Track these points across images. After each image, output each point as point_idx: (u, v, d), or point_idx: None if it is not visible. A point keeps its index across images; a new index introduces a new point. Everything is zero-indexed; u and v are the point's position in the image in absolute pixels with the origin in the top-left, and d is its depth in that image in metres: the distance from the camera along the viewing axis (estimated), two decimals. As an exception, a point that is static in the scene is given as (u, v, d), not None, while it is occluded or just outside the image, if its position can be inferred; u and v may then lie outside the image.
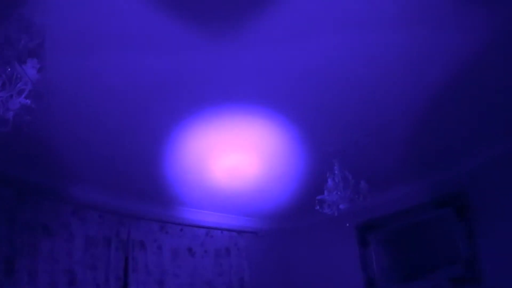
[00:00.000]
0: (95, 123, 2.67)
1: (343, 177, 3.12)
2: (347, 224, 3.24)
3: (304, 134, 3.17)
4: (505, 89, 2.92)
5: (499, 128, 3.60)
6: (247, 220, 5.30)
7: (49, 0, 1.72)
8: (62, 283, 3.47)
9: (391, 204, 4.76)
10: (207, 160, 3.31)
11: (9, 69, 1.43)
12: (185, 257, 4.47)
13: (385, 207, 4.80)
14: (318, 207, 3.09)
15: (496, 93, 2.96)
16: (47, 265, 3.40)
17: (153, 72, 2.26)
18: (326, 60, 2.28)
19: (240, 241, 5.03)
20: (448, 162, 4.20)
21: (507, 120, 3.47)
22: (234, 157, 3.35)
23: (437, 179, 4.44)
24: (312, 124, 3.06)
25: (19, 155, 2.99)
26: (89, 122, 2.64)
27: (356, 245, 5.03)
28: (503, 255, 3.93)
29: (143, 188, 3.86)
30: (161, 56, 2.14)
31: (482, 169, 4.16)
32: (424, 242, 4.60)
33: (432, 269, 4.45)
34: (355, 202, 3.12)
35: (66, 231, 3.61)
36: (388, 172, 4.21)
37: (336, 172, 3.11)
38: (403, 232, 4.76)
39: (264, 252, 5.53)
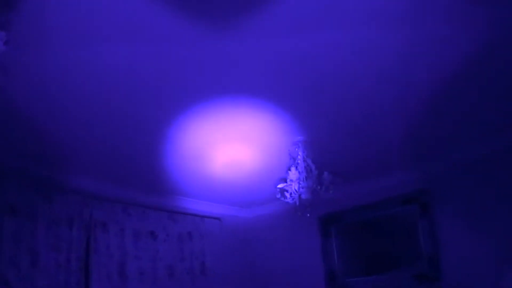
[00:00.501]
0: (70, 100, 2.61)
1: (306, 167, 3.16)
2: (308, 215, 3.28)
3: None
4: (476, 100, 3.04)
5: (465, 135, 3.76)
6: (211, 206, 5.30)
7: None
8: (24, 263, 3.41)
9: (356, 198, 4.83)
10: (174, 145, 3.29)
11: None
12: (147, 240, 4.43)
13: (350, 200, 4.87)
14: (279, 196, 3.13)
15: (467, 104, 3.09)
16: (11, 245, 3.34)
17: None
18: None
19: (203, 226, 5.02)
20: (415, 161, 4.30)
21: (471, 129, 3.64)
22: (202, 141, 3.32)
23: (403, 176, 4.53)
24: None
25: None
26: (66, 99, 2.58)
27: (319, 236, 5.08)
28: (463, 254, 4.07)
29: (107, 169, 3.81)
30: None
31: (446, 170, 4.28)
32: (388, 237, 4.66)
33: (395, 265, 4.53)
34: (317, 193, 3.18)
35: (30, 210, 3.53)
36: (355, 166, 4.26)
37: (299, 161, 3.15)
38: (367, 226, 4.81)
39: (227, 238, 5.53)
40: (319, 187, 3.17)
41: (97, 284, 3.94)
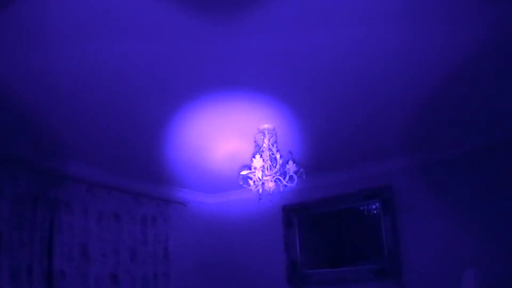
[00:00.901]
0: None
1: (271, 155, 3.12)
2: (270, 203, 3.24)
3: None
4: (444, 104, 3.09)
5: (429, 137, 3.88)
6: (176, 190, 5.26)
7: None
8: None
9: (320, 190, 4.86)
10: (142, 127, 3.19)
11: None
12: (110, 222, 4.37)
13: (314, 192, 4.89)
14: (241, 183, 3.08)
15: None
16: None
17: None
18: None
19: (167, 211, 4.98)
20: (379, 157, 4.34)
21: (433, 132, 3.75)
22: (171, 126, 3.24)
23: (367, 172, 4.58)
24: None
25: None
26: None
27: (281, 226, 5.10)
28: (423, 250, 4.16)
29: (73, 149, 3.70)
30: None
31: (409, 168, 4.37)
32: (351, 231, 4.73)
33: (357, 258, 4.60)
34: (281, 182, 3.14)
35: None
36: (321, 159, 4.27)
37: (264, 149, 3.10)
38: (330, 218, 4.84)
39: (191, 224, 5.53)
40: (283, 177, 3.11)
41: (59, 264, 3.87)
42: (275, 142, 3.20)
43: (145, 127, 3.12)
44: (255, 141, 3.19)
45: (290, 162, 3.19)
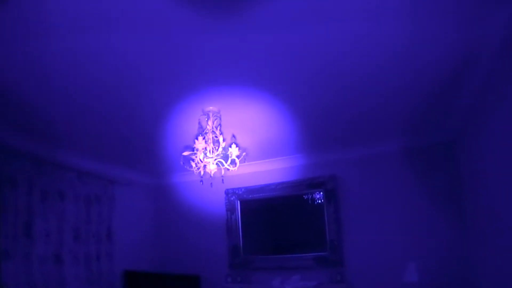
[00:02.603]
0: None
1: (214, 138, 3.12)
2: (211, 186, 3.26)
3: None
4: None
5: (372, 132, 3.99)
6: (122, 170, 5.21)
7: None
8: None
9: (265, 176, 4.94)
10: (91, 101, 3.09)
11: None
12: (55, 200, 4.29)
13: (259, 178, 4.97)
14: (183, 163, 3.07)
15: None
16: None
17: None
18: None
19: (111, 190, 4.93)
20: (326, 147, 4.45)
21: (377, 128, 3.86)
22: (122, 102, 3.16)
23: (313, 161, 4.69)
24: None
25: None
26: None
27: (225, 211, 5.16)
28: (365, 241, 4.33)
29: (19, 122, 3.56)
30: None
31: (353, 160, 4.51)
32: (295, 219, 4.79)
33: (300, 246, 4.69)
34: (222, 165, 3.16)
35: None
36: (266, 144, 4.29)
37: (207, 131, 3.11)
38: (274, 205, 4.91)
39: (135, 205, 5.52)
40: (225, 160, 3.14)
41: (3, 244, 3.78)
42: (219, 125, 3.20)
43: (91, 105, 3.05)
44: (199, 123, 3.19)
45: (233, 146, 3.22)
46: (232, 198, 5.09)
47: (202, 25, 2.05)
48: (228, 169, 3.19)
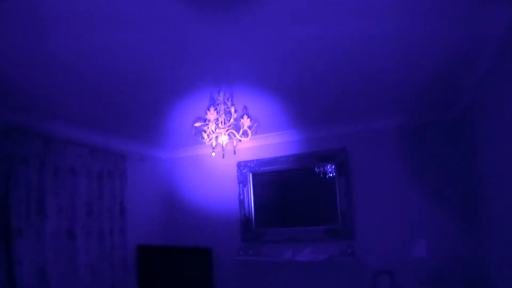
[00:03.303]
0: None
1: (226, 109, 3.12)
2: (223, 157, 3.25)
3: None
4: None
5: (382, 105, 3.94)
6: (134, 145, 5.23)
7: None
8: None
9: (276, 148, 4.93)
10: (98, 79, 3.09)
11: None
12: (67, 177, 4.32)
13: (270, 150, 4.97)
14: (194, 134, 3.08)
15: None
16: None
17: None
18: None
19: (124, 165, 4.94)
20: (336, 120, 4.42)
21: (387, 102, 3.84)
22: (129, 76, 3.16)
23: (323, 134, 4.67)
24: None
25: None
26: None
27: (237, 183, 5.18)
28: (376, 215, 4.34)
29: (29, 101, 3.56)
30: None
31: (364, 133, 4.48)
32: (306, 192, 4.79)
33: (311, 218, 4.70)
34: (234, 136, 3.16)
35: None
36: (278, 117, 4.28)
37: (219, 102, 3.10)
38: (285, 178, 4.91)
39: (148, 179, 5.55)
40: (236, 131, 3.14)
41: (16, 220, 3.82)
42: (231, 96, 3.20)
43: (103, 80, 3.04)
44: (210, 95, 3.18)
45: (245, 117, 3.21)
46: (244, 171, 5.10)
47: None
48: (240, 140, 3.19)
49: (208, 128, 3.05)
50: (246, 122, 3.19)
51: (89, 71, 2.82)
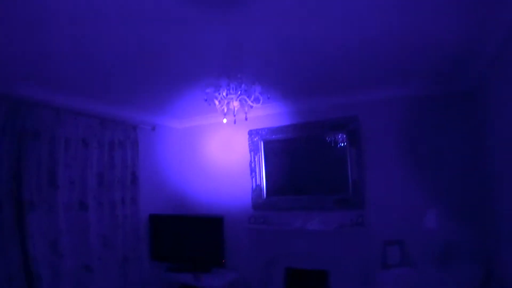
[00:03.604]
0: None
1: (237, 75, 3.09)
2: (234, 123, 3.24)
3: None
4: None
5: (396, 73, 3.89)
6: (144, 115, 5.23)
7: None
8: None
9: (288, 116, 4.91)
10: (108, 47, 3.07)
11: None
12: (78, 148, 4.34)
13: (282, 118, 4.95)
14: (206, 99, 3.06)
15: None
16: None
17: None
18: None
19: (134, 135, 4.95)
20: (348, 88, 4.35)
21: (400, 70, 3.77)
22: (139, 47, 3.12)
23: (334, 102, 4.61)
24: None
25: None
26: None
27: (248, 152, 5.19)
28: (387, 184, 4.34)
29: (39, 74, 3.55)
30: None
31: (376, 101, 4.42)
32: (317, 161, 4.77)
33: (322, 187, 4.70)
34: (246, 102, 3.14)
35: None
36: (290, 85, 4.23)
37: (230, 70, 3.07)
38: (297, 147, 4.90)
39: (158, 148, 5.57)
40: (248, 96, 3.11)
41: (28, 194, 3.87)
42: (242, 62, 3.17)
43: (112, 49, 3.02)
44: (222, 62, 3.16)
45: (257, 83, 3.18)
46: (255, 139, 5.10)
47: None
48: (251, 106, 3.16)
49: (219, 94, 3.03)
50: (257, 88, 3.16)
51: (99, 43, 2.82)
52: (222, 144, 5.50)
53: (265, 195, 5.06)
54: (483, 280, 3.54)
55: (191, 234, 5.06)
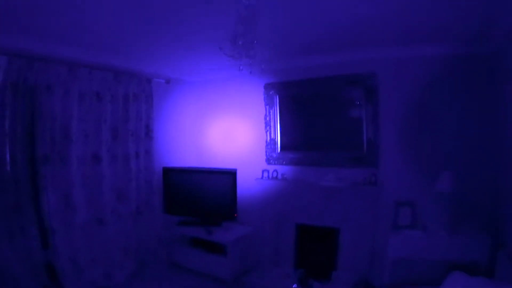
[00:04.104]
0: None
1: (253, 27, 3.02)
2: (250, 73, 3.19)
3: None
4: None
5: (418, 31, 3.73)
6: (159, 68, 5.16)
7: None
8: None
9: (304, 71, 4.79)
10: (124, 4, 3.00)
11: None
12: (92, 102, 4.36)
13: (297, 72, 4.83)
14: (220, 48, 3.01)
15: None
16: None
17: None
18: None
19: (149, 88, 4.95)
20: (366, 44, 4.21)
21: (423, 28, 3.62)
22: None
23: (353, 57, 4.47)
24: None
25: None
26: None
27: (263, 105, 5.13)
28: (398, 144, 4.29)
29: (51, 28, 3.51)
30: None
31: (394, 60, 4.28)
32: (332, 117, 4.71)
33: (335, 144, 4.66)
34: (262, 53, 3.08)
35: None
36: (308, 39, 4.08)
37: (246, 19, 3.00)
38: (313, 102, 4.82)
39: (173, 101, 5.58)
40: (264, 48, 3.05)
41: (42, 148, 3.94)
42: (258, 14, 3.09)
43: (126, 2, 2.96)
44: (238, 11, 3.07)
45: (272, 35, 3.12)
46: (270, 93, 5.03)
47: None
48: (267, 57, 3.12)
49: (235, 43, 2.97)
50: (273, 40, 3.10)
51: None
52: (237, 98, 5.45)
53: (279, 150, 5.05)
54: (492, 248, 3.53)
55: (204, 187, 5.12)
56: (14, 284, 3.75)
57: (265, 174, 5.01)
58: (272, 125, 5.06)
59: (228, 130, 5.56)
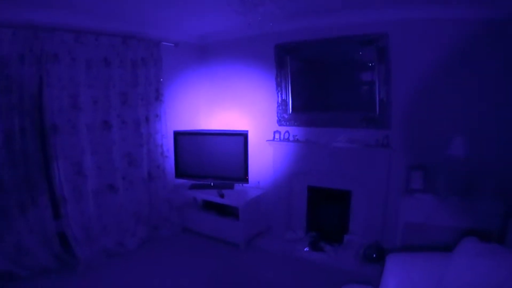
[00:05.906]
0: None
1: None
2: (259, 28, 3.10)
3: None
4: None
5: None
6: (167, 31, 5.06)
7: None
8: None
9: (315, 31, 4.64)
10: None
11: None
12: (100, 68, 4.30)
13: (311, 33, 4.68)
14: (229, 3, 2.93)
15: None
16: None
17: None
18: None
19: (157, 52, 4.85)
20: (379, 5, 4.08)
21: None
22: None
23: (365, 17, 4.30)
24: None
25: None
26: None
27: (274, 66, 5.02)
28: (411, 106, 4.21)
29: None
30: None
31: (407, 21, 4.12)
32: (344, 78, 4.62)
33: (347, 104, 4.60)
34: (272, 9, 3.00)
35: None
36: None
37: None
38: (324, 62, 4.73)
39: (182, 65, 5.50)
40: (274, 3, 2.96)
41: (51, 118, 3.94)
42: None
43: None
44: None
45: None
46: (281, 53, 4.90)
47: None
48: (277, 12, 3.03)
49: (244, 0, 2.89)
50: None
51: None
52: (248, 59, 5.34)
53: (290, 111, 4.98)
54: (504, 216, 3.49)
55: (216, 150, 5.12)
56: (27, 255, 3.83)
57: (277, 136, 4.98)
58: (283, 85, 4.97)
59: (239, 91, 5.51)
